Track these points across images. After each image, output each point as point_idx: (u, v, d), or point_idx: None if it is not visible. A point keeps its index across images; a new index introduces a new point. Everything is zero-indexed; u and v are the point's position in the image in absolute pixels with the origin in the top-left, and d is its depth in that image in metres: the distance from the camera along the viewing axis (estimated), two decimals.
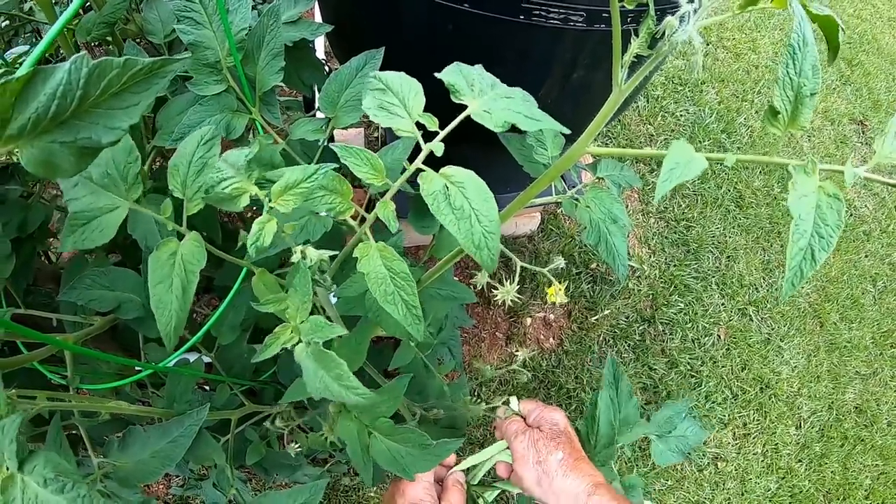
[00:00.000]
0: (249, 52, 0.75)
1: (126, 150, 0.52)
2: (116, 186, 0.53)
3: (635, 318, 2.15)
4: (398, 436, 0.63)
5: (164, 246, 0.51)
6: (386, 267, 0.52)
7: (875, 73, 3.03)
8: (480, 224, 0.47)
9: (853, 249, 2.51)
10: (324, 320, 0.51)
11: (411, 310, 0.51)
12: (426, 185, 0.48)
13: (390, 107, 0.52)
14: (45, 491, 0.44)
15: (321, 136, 0.78)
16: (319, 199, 0.51)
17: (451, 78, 0.52)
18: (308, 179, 0.49)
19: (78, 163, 0.38)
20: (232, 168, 0.50)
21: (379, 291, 0.51)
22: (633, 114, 2.54)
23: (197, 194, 0.51)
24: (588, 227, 0.79)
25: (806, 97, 0.49)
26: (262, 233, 0.49)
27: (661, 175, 0.45)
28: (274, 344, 0.52)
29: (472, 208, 0.47)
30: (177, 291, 0.49)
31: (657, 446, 0.91)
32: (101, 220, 0.53)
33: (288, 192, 0.50)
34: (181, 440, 0.69)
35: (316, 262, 0.51)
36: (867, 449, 2.16)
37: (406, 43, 1.09)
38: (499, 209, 0.68)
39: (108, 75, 0.36)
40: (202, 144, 0.51)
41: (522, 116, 0.50)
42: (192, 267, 0.50)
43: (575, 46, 1.01)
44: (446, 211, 0.47)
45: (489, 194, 0.48)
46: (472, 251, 0.46)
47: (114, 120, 0.37)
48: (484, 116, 0.50)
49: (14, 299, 0.89)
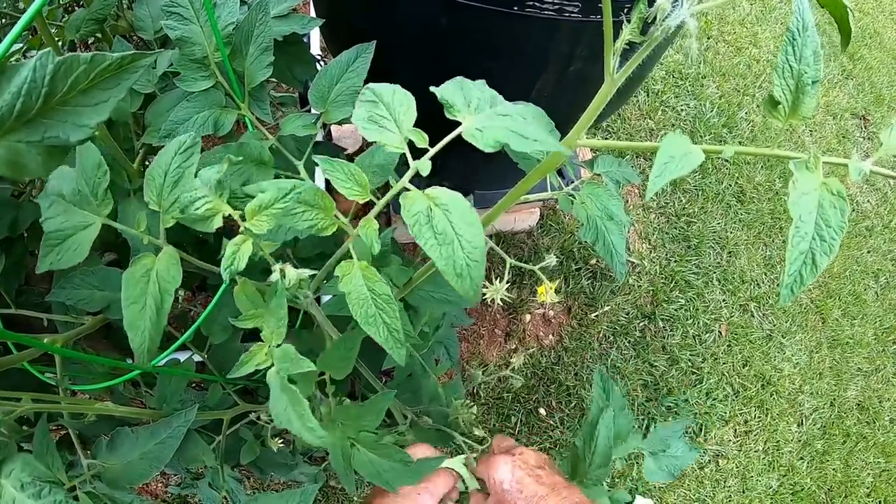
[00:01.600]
0: (237, 47, 0.74)
1: (94, 165, 0.51)
2: (88, 203, 0.52)
3: (635, 314, 2.14)
4: (380, 450, 0.61)
5: (139, 262, 0.49)
6: (368, 288, 0.50)
7: (877, 67, 3.00)
8: (464, 251, 0.44)
9: (855, 245, 2.49)
10: (293, 351, 0.49)
11: (393, 333, 0.50)
12: (408, 206, 0.45)
13: (380, 119, 0.50)
14: (22, 495, 0.43)
15: (312, 132, 0.77)
16: (299, 216, 0.48)
17: (447, 94, 0.50)
18: (283, 199, 0.47)
19: (46, 163, 0.36)
20: (205, 186, 0.49)
21: (360, 313, 0.49)
22: (633, 108, 2.52)
23: (173, 206, 0.50)
24: (585, 225, 0.78)
25: (807, 85, 0.47)
26: (236, 255, 0.48)
27: (654, 169, 0.43)
28: (249, 362, 0.51)
29: (456, 233, 0.44)
30: (150, 313, 0.48)
31: (649, 463, 0.89)
32: (75, 239, 0.51)
33: (262, 212, 0.48)
34: (169, 441, 0.68)
35: (295, 282, 0.50)
36: (869, 446, 2.15)
37: (399, 37, 1.08)
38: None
39: (75, 72, 0.35)
40: (180, 153, 0.49)
41: (516, 136, 0.47)
42: (167, 286, 0.48)
43: (570, 38, 0.99)
44: (427, 235, 0.44)
45: (475, 219, 0.45)
46: (453, 280, 0.44)
47: (82, 118, 0.36)
48: (475, 135, 0.47)
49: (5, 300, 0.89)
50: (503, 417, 1.91)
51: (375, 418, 0.63)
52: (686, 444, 0.89)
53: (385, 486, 0.62)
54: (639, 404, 2.01)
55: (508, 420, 1.91)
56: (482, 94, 0.52)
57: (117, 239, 0.88)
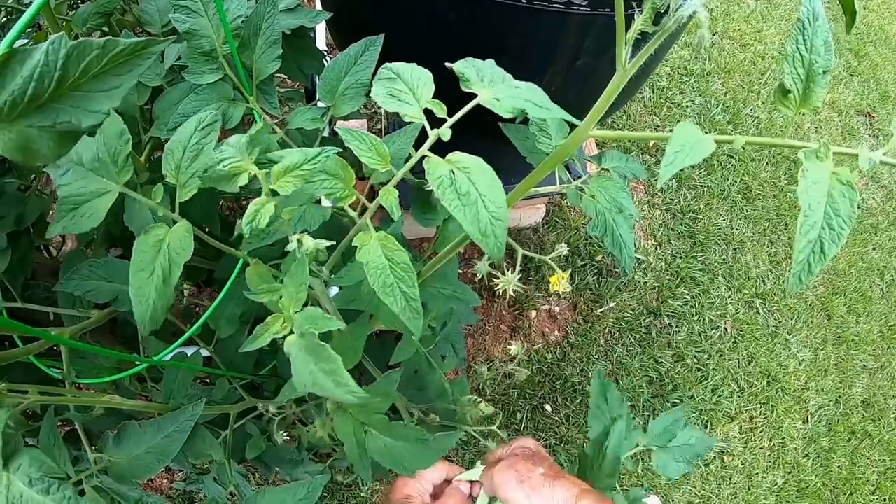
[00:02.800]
0: (246, 40, 0.74)
1: (117, 133, 0.51)
2: (107, 170, 0.52)
3: (641, 310, 2.13)
4: (394, 432, 0.61)
5: (153, 231, 0.49)
6: (386, 257, 0.50)
7: (883, 64, 2.99)
8: (487, 210, 0.45)
9: (861, 242, 2.48)
10: (320, 312, 0.49)
11: (410, 302, 0.50)
12: (432, 170, 0.46)
13: (399, 94, 0.51)
14: (31, 490, 0.42)
15: (320, 125, 0.76)
16: (320, 183, 0.49)
17: (461, 68, 0.51)
18: (310, 161, 0.48)
19: (58, 148, 0.36)
20: (233, 148, 0.49)
21: (378, 282, 0.49)
22: (638, 105, 2.51)
23: (191, 180, 0.49)
24: (594, 218, 0.77)
25: (818, 75, 0.47)
26: (258, 214, 0.48)
27: (666, 157, 0.43)
28: (265, 334, 0.50)
29: (479, 193, 0.45)
30: (157, 281, 0.48)
31: (660, 458, 0.88)
32: (90, 205, 0.51)
33: (289, 174, 0.48)
34: (176, 435, 0.68)
35: (312, 250, 0.50)
36: (874, 444, 2.14)
37: (407, 31, 1.07)
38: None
39: (87, 56, 0.35)
40: (200, 129, 0.49)
41: (532, 104, 0.49)
42: (176, 257, 0.48)
43: (579, 32, 0.99)
44: (452, 196, 0.45)
45: (496, 180, 0.46)
46: (479, 238, 0.45)
47: (94, 103, 0.36)
48: (494, 104, 0.49)
49: (11, 293, 0.88)
50: (509, 413, 1.91)
51: (385, 400, 0.62)
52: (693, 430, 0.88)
53: (401, 469, 0.62)
54: (644, 401, 2.01)
55: (514, 416, 1.91)
56: (493, 70, 0.54)
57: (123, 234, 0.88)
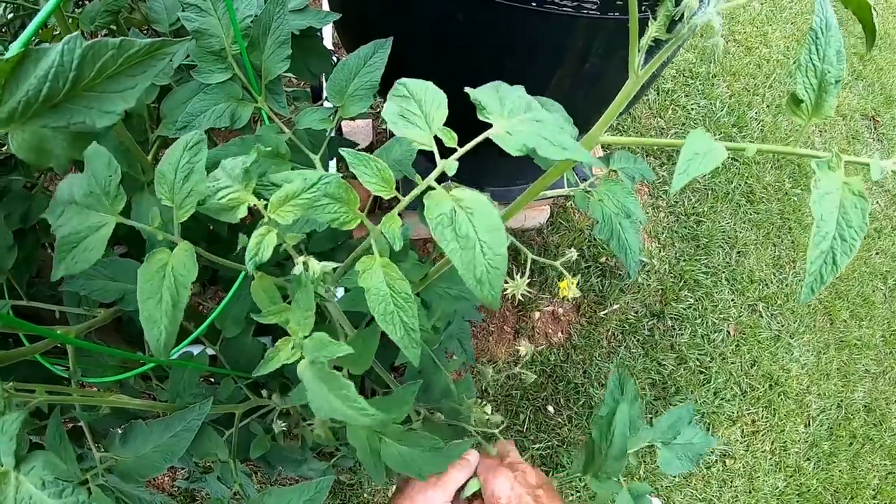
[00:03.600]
0: (255, 39, 0.74)
1: (105, 165, 0.51)
2: (101, 203, 0.51)
3: (644, 312, 2.13)
4: (408, 440, 0.61)
5: (154, 257, 0.49)
6: (388, 285, 0.49)
7: (887, 68, 2.99)
8: (485, 257, 0.43)
9: (864, 247, 2.48)
10: (327, 338, 0.49)
11: (409, 333, 0.49)
12: (432, 207, 0.44)
13: (410, 115, 0.48)
14: (42, 494, 0.42)
15: (328, 126, 0.76)
16: (322, 209, 0.47)
17: (481, 96, 0.48)
18: (310, 189, 0.47)
19: (71, 149, 0.36)
20: (228, 177, 0.48)
21: (378, 309, 0.48)
22: (643, 107, 2.51)
23: (187, 200, 0.49)
24: (600, 222, 0.77)
25: (830, 84, 0.47)
26: (261, 246, 0.47)
27: (679, 165, 0.42)
28: (274, 359, 0.50)
29: (479, 238, 0.43)
30: (166, 307, 0.47)
31: (664, 454, 0.88)
32: (88, 241, 0.51)
33: (288, 203, 0.48)
34: (183, 434, 0.68)
35: (319, 275, 0.49)
36: (876, 448, 2.14)
37: (415, 32, 1.07)
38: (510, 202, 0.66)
39: (102, 57, 0.34)
40: (187, 149, 0.49)
41: (547, 142, 0.45)
42: (182, 280, 0.48)
43: (588, 35, 0.99)
44: (450, 237, 0.43)
45: (499, 224, 0.44)
46: (473, 285, 0.42)
47: (109, 104, 0.36)
48: (505, 139, 0.46)
49: (17, 292, 0.88)
50: (512, 415, 1.91)
51: (403, 410, 0.62)
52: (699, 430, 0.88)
53: (416, 475, 0.62)
54: (647, 403, 2.00)
55: (517, 417, 1.91)
56: (519, 98, 0.51)
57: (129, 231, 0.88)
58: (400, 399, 0.63)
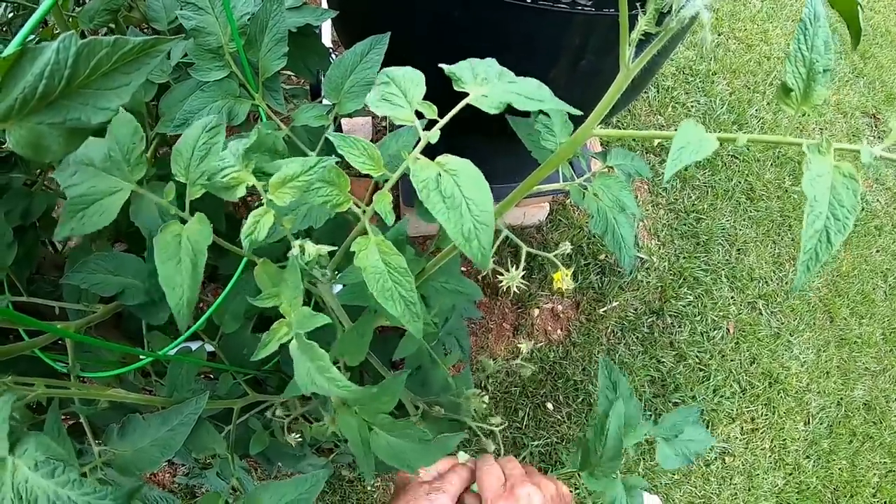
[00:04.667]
0: (252, 37, 0.74)
1: (130, 131, 0.51)
2: (119, 169, 0.52)
3: (644, 310, 2.14)
4: (398, 431, 0.62)
5: (168, 228, 0.50)
6: (384, 262, 0.50)
7: (888, 65, 2.98)
8: (471, 214, 0.44)
9: (864, 244, 2.48)
10: (309, 311, 0.50)
11: (409, 306, 0.50)
12: (418, 172, 0.46)
13: (391, 97, 0.51)
14: (36, 475, 0.43)
15: (324, 122, 0.77)
16: (316, 192, 0.49)
17: (455, 69, 0.51)
18: (307, 172, 0.48)
19: (67, 144, 0.37)
20: (233, 157, 0.49)
21: (376, 287, 0.49)
22: (643, 104, 2.51)
23: (200, 179, 0.50)
24: (595, 216, 0.78)
25: (819, 73, 0.48)
26: (257, 225, 0.48)
27: (671, 154, 0.44)
28: (272, 340, 0.51)
29: (464, 196, 0.45)
30: (186, 267, 0.48)
31: (663, 450, 0.89)
32: (102, 204, 0.51)
33: (286, 185, 0.49)
34: (180, 429, 0.68)
35: (314, 257, 0.50)
36: (875, 446, 2.14)
37: (412, 29, 1.08)
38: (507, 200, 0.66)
39: (97, 54, 0.35)
40: (206, 131, 0.50)
41: (522, 97, 0.48)
42: (199, 245, 0.48)
43: (584, 31, 0.99)
44: (436, 199, 0.45)
45: (484, 184, 0.46)
46: (461, 243, 0.44)
47: (104, 100, 0.36)
48: (482, 101, 0.49)
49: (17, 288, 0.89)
50: (511, 411, 1.92)
51: (391, 400, 0.63)
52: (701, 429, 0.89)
53: (405, 467, 0.62)
54: (646, 400, 2.01)
55: (516, 414, 1.92)
56: (490, 68, 0.53)
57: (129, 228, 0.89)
58: (389, 388, 0.64)
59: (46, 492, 0.44)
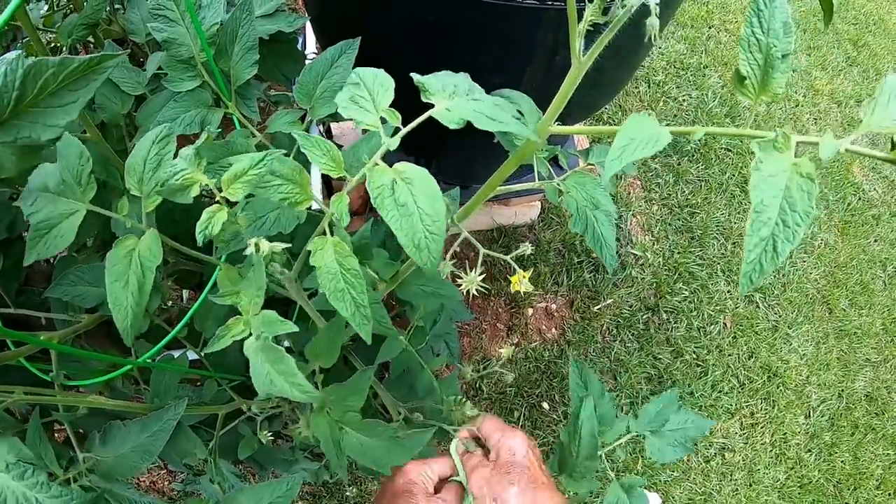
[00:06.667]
0: (223, 46, 0.75)
1: (76, 154, 0.53)
2: (72, 191, 0.53)
3: (639, 306, 2.14)
4: (368, 430, 0.62)
5: (122, 243, 0.51)
6: (338, 262, 0.51)
7: (882, 54, 2.97)
8: (423, 223, 0.45)
9: (862, 234, 2.47)
10: (276, 316, 0.51)
11: (360, 308, 0.51)
12: (374, 178, 0.47)
13: (360, 100, 0.52)
14: (7, 476, 0.44)
15: (297, 128, 0.78)
16: (275, 189, 0.50)
17: (425, 80, 0.52)
18: (257, 166, 0.49)
19: (20, 162, 0.38)
20: (185, 161, 0.50)
21: (329, 287, 0.50)
22: (634, 99, 2.52)
23: (154, 190, 0.51)
24: (574, 215, 0.78)
25: (777, 59, 0.45)
26: (211, 221, 0.49)
27: (611, 152, 0.42)
28: (227, 336, 0.52)
29: (417, 206, 0.46)
30: (132, 289, 0.50)
31: (652, 443, 0.87)
32: (61, 227, 0.53)
33: (238, 181, 0.50)
34: (160, 434, 0.70)
35: (268, 253, 0.51)
36: (878, 438, 2.13)
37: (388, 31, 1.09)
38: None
39: (44, 75, 0.36)
40: (157, 142, 0.51)
41: (483, 116, 0.49)
42: (148, 264, 0.50)
43: (555, 27, 0.99)
44: (390, 206, 0.46)
45: (438, 195, 0.47)
46: (412, 251, 0.45)
47: (52, 118, 0.37)
48: (444, 115, 0.50)
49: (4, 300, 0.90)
50: (506, 412, 1.92)
51: (359, 397, 0.64)
52: (690, 414, 0.87)
53: (376, 465, 0.62)
54: (643, 397, 2.01)
55: (511, 414, 1.92)
56: (461, 83, 0.54)
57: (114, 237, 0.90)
58: (355, 386, 0.64)
59: (16, 493, 0.45)
